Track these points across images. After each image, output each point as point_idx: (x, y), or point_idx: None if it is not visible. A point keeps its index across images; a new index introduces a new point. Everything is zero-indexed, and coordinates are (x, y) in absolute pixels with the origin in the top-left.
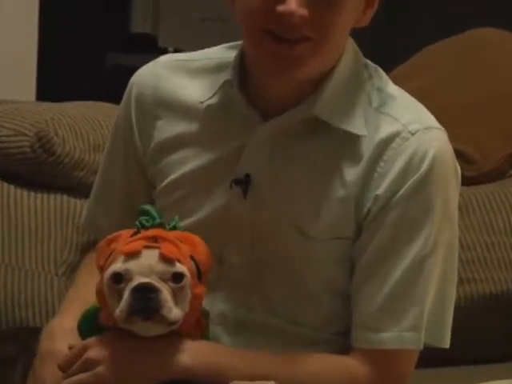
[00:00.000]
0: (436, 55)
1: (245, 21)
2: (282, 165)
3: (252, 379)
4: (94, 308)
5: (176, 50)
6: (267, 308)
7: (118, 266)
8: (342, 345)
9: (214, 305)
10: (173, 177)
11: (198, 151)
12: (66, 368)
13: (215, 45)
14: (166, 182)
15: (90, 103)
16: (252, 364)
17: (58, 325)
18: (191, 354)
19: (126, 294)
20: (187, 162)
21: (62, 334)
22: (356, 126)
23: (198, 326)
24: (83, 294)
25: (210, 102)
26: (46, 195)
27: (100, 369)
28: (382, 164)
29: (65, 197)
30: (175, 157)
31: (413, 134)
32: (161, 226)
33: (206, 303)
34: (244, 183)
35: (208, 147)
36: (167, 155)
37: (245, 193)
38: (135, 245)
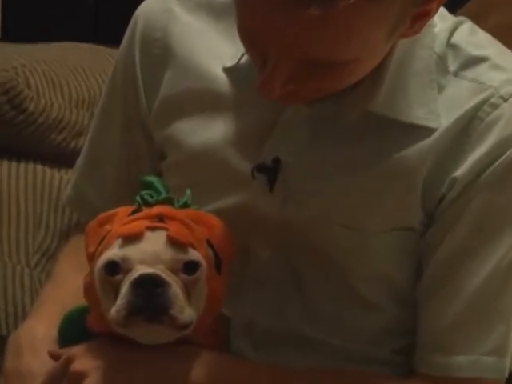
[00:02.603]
0: None
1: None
2: (324, 149)
3: None
4: (80, 308)
5: None
6: (306, 316)
7: (113, 252)
8: (405, 367)
9: (238, 310)
10: (182, 151)
11: (215, 121)
12: None
13: None
14: (174, 156)
15: (71, 45)
16: None
17: (28, 332)
18: (206, 369)
19: (125, 289)
20: (201, 133)
21: (31, 345)
22: (422, 115)
23: (214, 333)
24: (64, 291)
25: (235, 61)
26: (14, 164)
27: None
28: (463, 139)
29: (39, 166)
30: (186, 123)
31: (505, 100)
32: (168, 202)
33: (227, 308)
34: (271, 171)
35: (227, 118)
36: (176, 118)
37: (271, 184)
38: (136, 225)
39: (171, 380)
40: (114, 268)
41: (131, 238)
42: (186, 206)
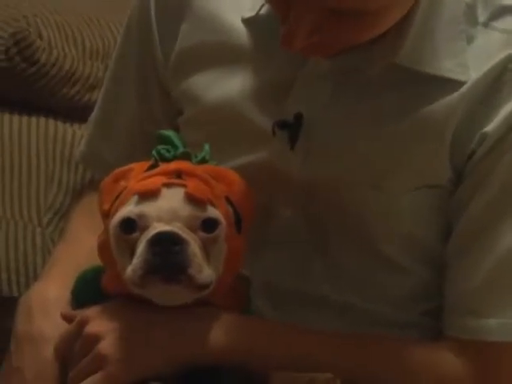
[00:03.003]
0: None
1: None
2: (347, 104)
3: (303, 369)
4: (94, 268)
5: None
6: (330, 277)
7: (129, 209)
8: (434, 329)
9: (258, 270)
10: (199, 105)
11: (233, 74)
12: (64, 353)
13: None
14: (191, 111)
15: None
16: (305, 348)
17: (40, 294)
18: (226, 331)
19: (141, 247)
20: (218, 87)
21: (43, 306)
22: (451, 68)
23: (234, 294)
24: (77, 251)
25: (254, 11)
26: (25, 118)
27: (101, 346)
28: (493, 93)
29: (51, 121)
30: (203, 77)
31: None
32: (186, 157)
33: (246, 268)
34: (293, 127)
35: (245, 71)
36: (193, 72)
37: (293, 141)
38: (153, 181)
39: (189, 341)
40: (130, 226)
41: (148, 195)
42: (204, 161)
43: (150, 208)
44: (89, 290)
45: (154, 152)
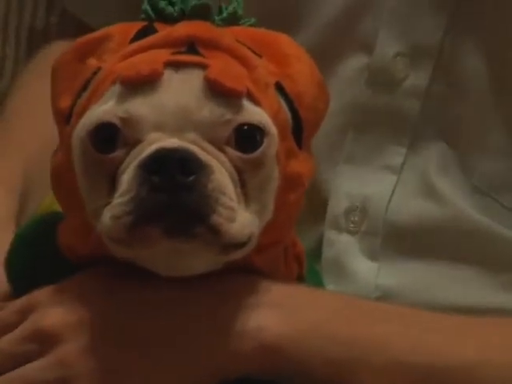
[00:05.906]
0: None
1: None
2: None
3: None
4: (44, 217)
5: None
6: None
7: (107, 108)
8: None
9: (339, 194)
10: None
11: None
12: None
13: None
14: None
15: None
16: (420, 340)
17: None
18: (284, 321)
19: (129, 177)
20: None
21: None
22: None
23: (291, 254)
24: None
25: None
26: None
27: (63, 354)
28: None
29: None
30: None
31: None
32: (203, 13)
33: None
34: None
35: None
36: None
37: None
38: (148, 59)
39: (216, 343)
40: (110, 137)
41: (139, 83)
42: (235, 19)
43: (143, 106)
44: (38, 253)
45: (145, 5)
